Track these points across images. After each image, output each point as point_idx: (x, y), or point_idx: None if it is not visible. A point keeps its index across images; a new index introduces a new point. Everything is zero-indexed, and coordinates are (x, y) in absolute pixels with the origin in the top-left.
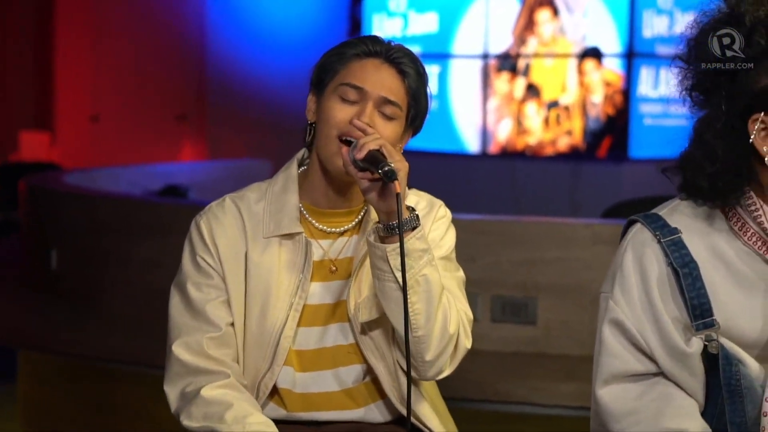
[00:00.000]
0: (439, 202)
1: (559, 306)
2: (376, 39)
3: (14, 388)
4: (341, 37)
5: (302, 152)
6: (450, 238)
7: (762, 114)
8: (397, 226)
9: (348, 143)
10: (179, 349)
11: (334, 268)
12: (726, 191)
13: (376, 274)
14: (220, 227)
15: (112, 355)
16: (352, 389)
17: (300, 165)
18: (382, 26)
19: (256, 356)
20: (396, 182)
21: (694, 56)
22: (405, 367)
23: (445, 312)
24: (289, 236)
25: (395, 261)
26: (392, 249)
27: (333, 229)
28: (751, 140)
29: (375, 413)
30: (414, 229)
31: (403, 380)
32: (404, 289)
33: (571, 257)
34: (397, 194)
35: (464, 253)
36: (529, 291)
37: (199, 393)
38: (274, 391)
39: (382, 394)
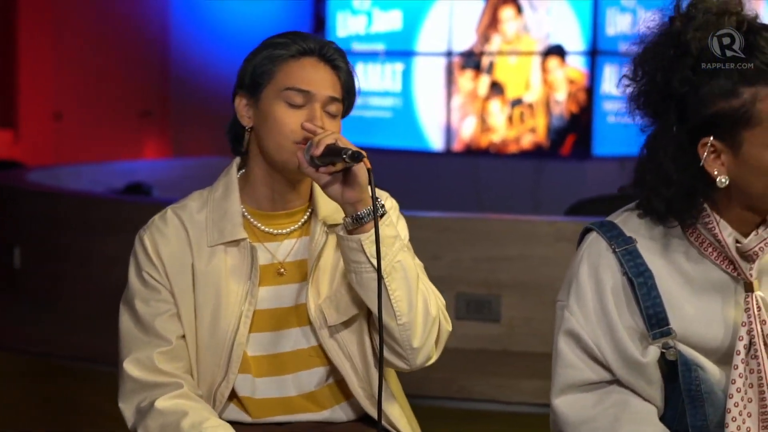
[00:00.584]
0: (385, 194)
1: (522, 303)
2: (304, 35)
3: None
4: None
5: (238, 158)
6: (403, 226)
7: (711, 138)
8: (366, 214)
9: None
10: (130, 366)
11: (282, 270)
12: (683, 213)
13: (351, 267)
14: (164, 240)
15: (73, 353)
16: (315, 392)
17: (239, 169)
18: (346, 23)
19: (210, 365)
20: (365, 159)
21: (641, 74)
22: (390, 359)
23: (424, 296)
24: (234, 243)
25: (370, 249)
26: (366, 238)
27: (278, 231)
28: (701, 164)
29: (340, 414)
30: (382, 216)
31: (374, 378)
32: (379, 277)
33: (534, 254)
34: (369, 170)
35: (428, 250)
36: (492, 288)
37: (154, 405)
38: (234, 399)
39: (347, 395)
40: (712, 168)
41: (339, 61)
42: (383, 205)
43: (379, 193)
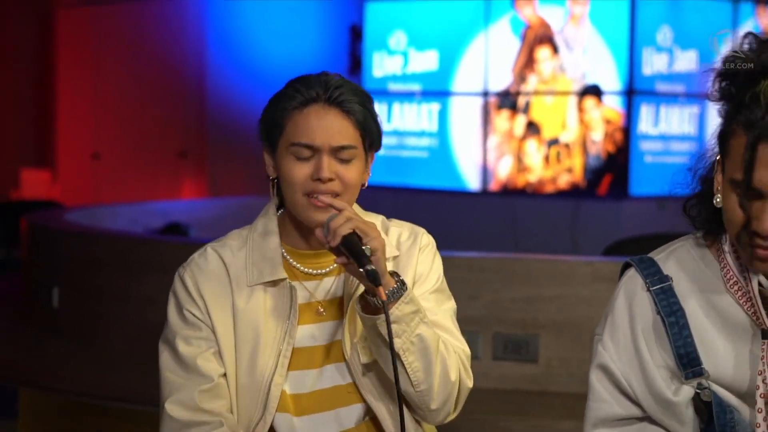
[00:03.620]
0: (421, 230)
1: (559, 343)
2: (309, 82)
3: (15, 424)
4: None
5: (277, 198)
6: (438, 267)
7: (718, 156)
8: (381, 305)
9: (315, 197)
10: (172, 407)
11: (321, 310)
12: (709, 220)
13: (369, 336)
14: (204, 278)
15: (109, 393)
16: (353, 429)
17: (278, 208)
18: (383, 64)
19: (248, 405)
20: (380, 288)
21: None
22: (411, 414)
23: (443, 362)
24: (273, 282)
25: (385, 330)
26: (381, 322)
27: (318, 271)
28: (713, 176)
29: None
30: (401, 297)
31: (408, 420)
32: (393, 360)
33: (571, 294)
34: (383, 302)
35: (465, 290)
36: (529, 328)
37: None
38: None
39: None
40: (717, 183)
41: (349, 102)
42: (403, 282)
43: (415, 230)
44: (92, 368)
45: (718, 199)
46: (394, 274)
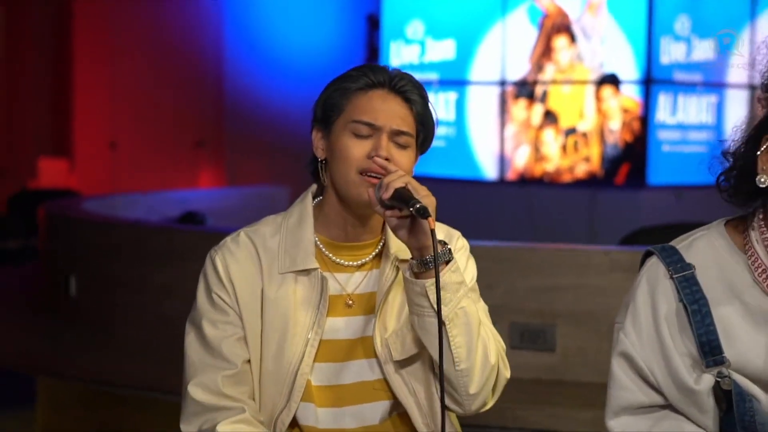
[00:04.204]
0: (456, 233)
1: (577, 333)
2: (376, 68)
3: (33, 413)
4: (359, 64)
5: (314, 186)
6: (471, 268)
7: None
8: (432, 260)
9: (369, 176)
10: (195, 389)
11: (350, 302)
12: (741, 191)
13: (414, 310)
14: (236, 263)
15: (126, 381)
16: (377, 426)
17: (314, 197)
18: (400, 53)
19: (272, 392)
20: (429, 218)
21: None
22: (446, 402)
23: (484, 343)
24: (305, 271)
25: (434, 295)
26: (430, 284)
27: (350, 263)
28: (758, 153)
29: None
30: (448, 262)
31: (438, 415)
32: (440, 325)
33: (589, 284)
34: (432, 230)
35: (482, 280)
36: (546, 318)
37: (215, 429)
38: (296, 428)
39: (408, 429)
40: (763, 162)
41: (412, 93)
42: (450, 250)
43: (450, 232)
44: (109, 357)
45: (762, 179)
46: (443, 242)
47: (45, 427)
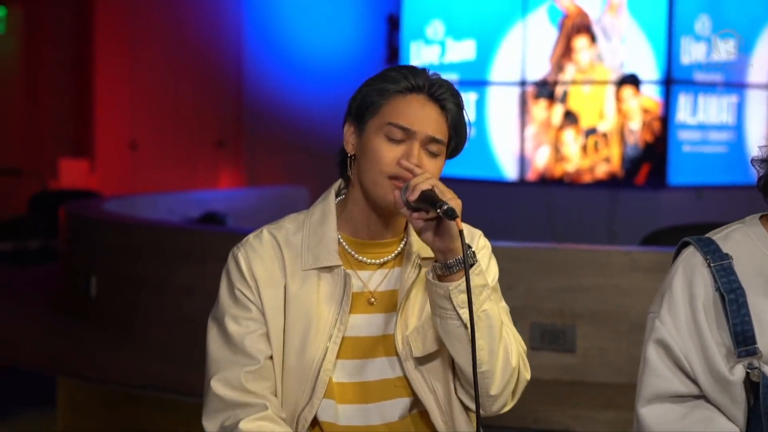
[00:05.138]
0: (478, 233)
1: (597, 333)
2: (416, 71)
3: (54, 414)
4: (378, 65)
5: (339, 182)
6: (493, 268)
7: None
8: (455, 263)
9: (397, 179)
10: (217, 384)
11: (372, 300)
12: None
13: (437, 312)
14: (258, 259)
15: (148, 382)
16: (397, 423)
17: (337, 195)
18: (420, 54)
19: (295, 389)
20: (457, 219)
21: None
22: (465, 402)
23: (506, 345)
24: (328, 269)
25: (457, 298)
26: (454, 287)
27: (372, 261)
28: None
29: None
30: (472, 265)
31: (457, 413)
32: (472, 330)
33: (609, 284)
34: (460, 231)
35: (502, 280)
36: (567, 318)
37: (237, 426)
38: (316, 425)
39: (429, 428)
40: None
41: (448, 101)
42: (474, 254)
43: (472, 231)
44: (129, 357)
45: None
46: (467, 245)
47: (65, 428)
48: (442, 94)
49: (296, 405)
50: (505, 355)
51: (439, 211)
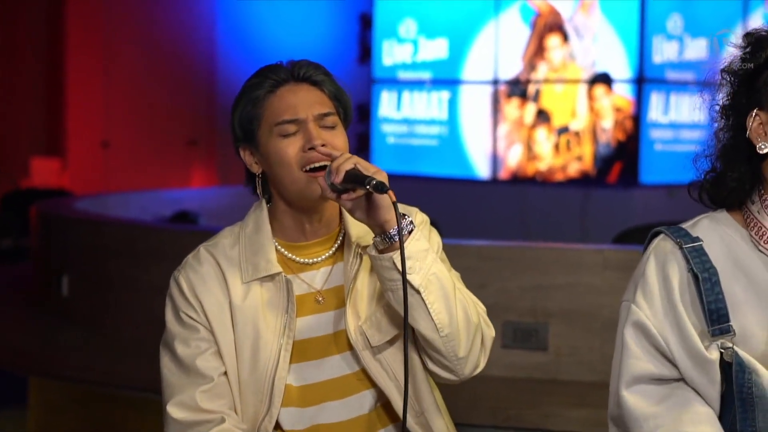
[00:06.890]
0: (414, 209)
1: (569, 332)
2: (272, 67)
3: (25, 413)
4: (351, 63)
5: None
6: (436, 238)
7: (756, 110)
8: (395, 234)
9: (313, 170)
10: (173, 409)
11: (320, 299)
12: (735, 188)
13: (387, 286)
14: (199, 279)
15: (119, 381)
16: (364, 416)
17: (268, 202)
18: (392, 52)
19: (253, 401)
20: (390, 192)
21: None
22: (439, 373)
23: (463, 304)
24: (269, 277)
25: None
26: (397, 255)
27: (313, 260)
28: (747, 134)
29: None
30: (410, 232)
31: (424, 394)
32: (404, 291)
33: (581, 283)
34: (394, 203)
35: (474, 279)
36: (539, 317)
37: None
38: None
39: (395, 417)
40: (756, 137)
41: (316, 75)
42: (412, 221)
43: (407, 209)
44: (102, 356)
45: (763, 146)
46: (402, 215)
47: (38, 428)
48: (306, 72)
49: (256, 417)
50: (464, 314)
51: (368, 186)
